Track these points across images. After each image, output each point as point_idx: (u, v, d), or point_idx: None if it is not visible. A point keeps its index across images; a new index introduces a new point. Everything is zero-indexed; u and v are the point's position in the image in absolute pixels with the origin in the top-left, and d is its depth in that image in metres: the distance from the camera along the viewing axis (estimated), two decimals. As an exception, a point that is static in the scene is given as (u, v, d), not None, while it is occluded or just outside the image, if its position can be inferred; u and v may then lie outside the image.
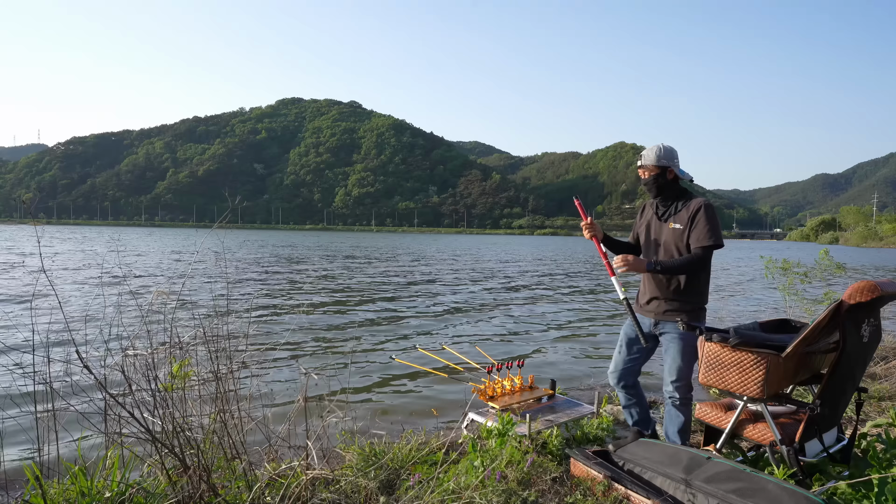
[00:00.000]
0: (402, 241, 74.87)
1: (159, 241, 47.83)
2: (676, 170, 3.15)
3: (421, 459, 3.07)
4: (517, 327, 9.71)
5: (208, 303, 9.67)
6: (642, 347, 3.28)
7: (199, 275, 14.55)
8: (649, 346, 3.29)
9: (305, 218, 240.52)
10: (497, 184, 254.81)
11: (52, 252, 26.45)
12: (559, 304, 13.16)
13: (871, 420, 3.81)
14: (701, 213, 3.04)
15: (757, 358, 2.56)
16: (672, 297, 3.13)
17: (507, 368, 4.04)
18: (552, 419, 3.58)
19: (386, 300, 12.90)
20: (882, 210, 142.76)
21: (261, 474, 2.56)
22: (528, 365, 4.72)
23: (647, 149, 3.26)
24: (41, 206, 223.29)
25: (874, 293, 2.37)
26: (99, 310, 8.71)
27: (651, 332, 3.25)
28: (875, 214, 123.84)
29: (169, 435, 2.30)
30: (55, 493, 2.18)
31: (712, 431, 3.03)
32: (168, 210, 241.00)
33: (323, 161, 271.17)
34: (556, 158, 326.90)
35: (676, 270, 3.04)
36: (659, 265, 3.04)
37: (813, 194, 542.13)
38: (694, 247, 3.03)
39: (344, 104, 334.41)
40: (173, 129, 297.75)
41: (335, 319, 10.00)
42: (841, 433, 2.93)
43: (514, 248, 52.99)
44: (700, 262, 3.02)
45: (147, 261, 23.11)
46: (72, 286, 13.20)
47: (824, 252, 7.42)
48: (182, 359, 2.57)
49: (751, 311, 12.10)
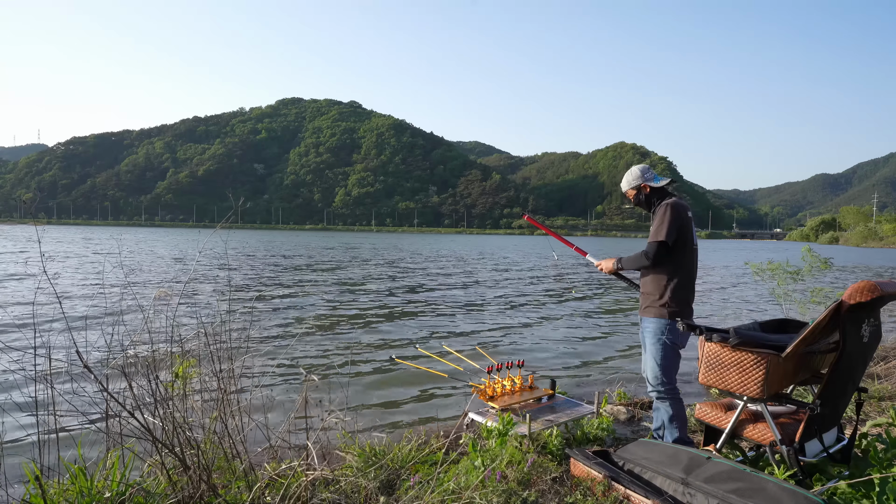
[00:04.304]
0: (403, 241, 74.86)
1: (160, 241, 47.83)
2: (650, 183, 3.38)
3: (421, 459, 3.07)
4: (517, 327, 9.71)
5: (210, 303, 9.66)
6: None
7: (200, 275, 14.55)
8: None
9: (305, 218, 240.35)
10: (497, 184, 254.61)
11: (52, 252, 26.43)
12: (559, 304, 13.16)
13: (871, 420, 3.81)
14: (657, 212, 3.26)
15: (757, 358, 2.56)
16: (644, 294, 3.35)
17: (507, 368, 4.04)
18: (552, 419, 3.58)
19: (386, 300, 12.90)
20: (882, 210, 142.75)
21: (261, 474, 2.56)
22: (528, 365, 4.72)
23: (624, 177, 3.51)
24: (41, 206, 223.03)
25: (874, 293, 2.37)
26: (100, 310, 8.71)
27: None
28: (875, 214, 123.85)
29: (169, 435, 2.30)
30: (55, 493, 2.18)
31: (712, 431, 3.03)
32: (168, 210, 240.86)
33: (323, 161, 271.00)
34: (556, 158, 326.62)
35: (631, 265, 3.34)
36: (620, 262, 3.39)
37: (813, 194, 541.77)
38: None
39: (344, 104, 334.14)
40: (173, 129, 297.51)
41: (335, 319, 9.99)
42: (841, 433, 2.93)
43: (513, 248, 52.98)
44: (647, 256, 3.21)
45: (148, 261, 23.11)
46: (73, 286, 13.20)
47: (807, 249, 7.54)
48: (183, 359, 2.58)
49: (751, 312, 12.11)
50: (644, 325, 3.32)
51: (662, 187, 3.37)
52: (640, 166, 3.45)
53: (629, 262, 3.35)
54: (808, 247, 7.64)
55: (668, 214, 3.17)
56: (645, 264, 3.26)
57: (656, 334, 3.21)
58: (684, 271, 3.24)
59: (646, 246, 3.24)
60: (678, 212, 3.20)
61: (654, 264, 3.22)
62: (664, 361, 3.21)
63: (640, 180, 3.40)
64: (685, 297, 3.23)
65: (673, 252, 3.21)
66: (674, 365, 3.24)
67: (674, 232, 3.17)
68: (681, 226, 3.19)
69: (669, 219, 3.16)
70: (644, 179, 3.38)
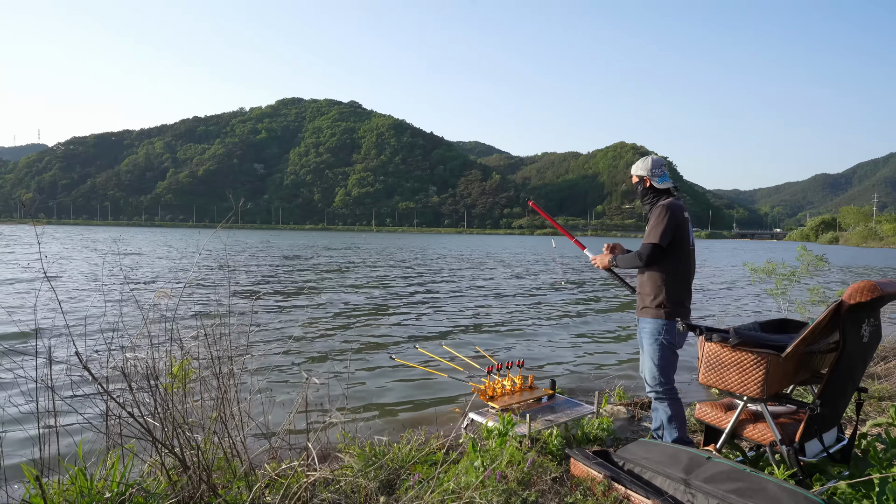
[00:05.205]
0: (403, 241, 74.84)
1: (160, 241, 47.82)
2: (653, 180, 3.36)
3: (421, 459, 3.07)
4: (517, 327, 9.71)
5: (210, 303, 9.66)
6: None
7: (201, 276, 14.55)
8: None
9: (305, 218, 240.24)
10: (497, 184, 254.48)
11: (53, 252, 26.43)
12: (559, 303, 13.16)
13: (871, 420, 3.81)
14: (654, 212, 3.26)
15: (757, 358, 2.56)
16: (641, 294, 3.35)
17: (507, 368, 4.04)
18: (552, 419, 3.59)
19: (386, 300, 12.90)
20: (882, 210, 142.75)
21: (261, 474, 2.56)
22: (527, 365, 4.72)
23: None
24: (41, 206, 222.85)
25: (874, 293, 2.37)
26: (101, 310, 8.70)
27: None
28: (875, 214, 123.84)
29: (169, 435, 2.30)
30: (55, 493, 2.18)
31: (712, 431, 3.03)
32: (168, 210, 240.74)
33: (323, 161, 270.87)
34: (556, 158, 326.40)
35: (624, 264, 3.35)
36: (614, 260, 3.39)
37: (813, 194, 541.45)
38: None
39: (344, 104, 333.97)
40: (173, 129, 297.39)
41: (335, 319, 9.99)
42: (841, 433, 2.93)
43: (513, 248, 52.98)
44: (640, 258, 3.21)
45: (148, 261, 23.11)
46: (74, 287, 13.19)
47: (802, 248, 7.61)
48: (183, 359, 2.58)
49: (750, 312, 12.11)
50: (641, 325, 3.32)
51: (663, 189, 3.36)
52: (655, 158, 3.43)
53: (623, 261, 3.36)
54: (802, 246, 7.72)
55: (663, 216, 3.18)
56: (638, 265, 3.26)
57: (653, 335, 3.22)
58: (681, 272, 3.24)
59: (640, 247, 3.24)
60: (674, 213, 3.20)
61: (647, 265, 3.22)
62: (662, 362, 3.21)
63: (646, 173, 3.39)
64: (682, 298, 3.24)
65: (669, 253, 3.21)
66: (671, 365, 3.25)
67: (669, 234, 3.17)
68: (676, 226, 3.19)
69: (665, 220, 3.16)
70: (650, 174, 3.37)
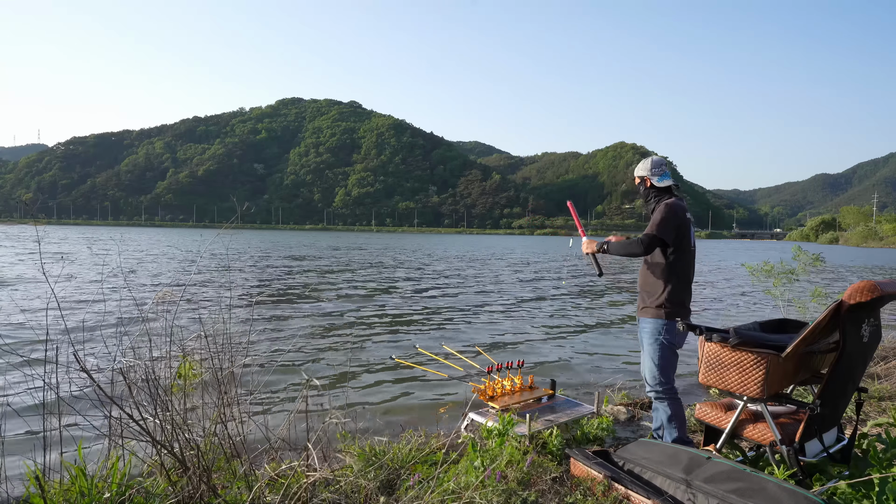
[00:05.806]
0: (402, 241, 74.85)
1: (161, 241, 47.82)
2: (653, 179, 3.38)
3: (421, 459, 3.07)
4: (517, 327, 9.71)
5: (211, 304, 9.66)
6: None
7: (201, 276, 14.55)
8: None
9: (305, 218, 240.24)
10: (497, 184, 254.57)
11: (53, 252, 26.43)
12: (559, 304, 13.16)
13: (871, 420, 3.81)
14: (656, 210, 3.26)
15: (757, 358, 2.56)
16: (641, 294, 3.35)
17: (507, 368, 4.04)
18: (552, 419, 3.58)
19: (386, 300, 12.90)
20: (882, 210, 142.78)
21: (261, 475, 2.56)
22: (527, 365, 4.72)
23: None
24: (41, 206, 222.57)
25: (874, 293, 2.37)
26: (101, 311, 8.70)
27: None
28: (875, 214, 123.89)
29: (169, 435, 2.30)
30: (55, 493, 2.18)
31: (712, 431, 3.03)
32: (168, 210, 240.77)
33: (323, 161, 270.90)
34: (556, 158, 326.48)
35: (621, 250, 3.29)
36: (607, 244, 3.33)
37: (813, 194, 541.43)
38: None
39: (344, 104, 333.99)
40: (173, 129, 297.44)
41: (335, 319, 9.99)
42: (841, 433, 2.93)
43: (513, 248, 52.98)
44: (640, 243, 3.17)
45: (149, 262, 23.11)
46: (74, 287, 13.19)
47: (797, 248, 7.65)
48: (183, 360, 2.58)
49: (751, 312, 12.11)
50: (641, 325, 3.33)
51: (664, 187, 3.38)
52: (656, 159, 3.45)
53: (620, 246, 3.27)
54: (797, 246, 7.74)
55: (666, 214, 3.19)
56: (638, 251, 3.19)
57: (654, 335, 3.22)
58: (682, 272, 3.25)
59: (641, 235, 3.23)
60: (676, 212, 3.21)
61: (646, 251, 3.20)
62: (662, 362, 3.22)
63: (646, 173, 3.41)
64: (682, 298, 3.24)
65: (670, 252, 3.21)
66: (671, 365, 3.25)
67: (671, 231, 3.18)
68: (678, 226, 3.20)
69: (668, 219, 3.18)
70: (650, 174, 3.39)
